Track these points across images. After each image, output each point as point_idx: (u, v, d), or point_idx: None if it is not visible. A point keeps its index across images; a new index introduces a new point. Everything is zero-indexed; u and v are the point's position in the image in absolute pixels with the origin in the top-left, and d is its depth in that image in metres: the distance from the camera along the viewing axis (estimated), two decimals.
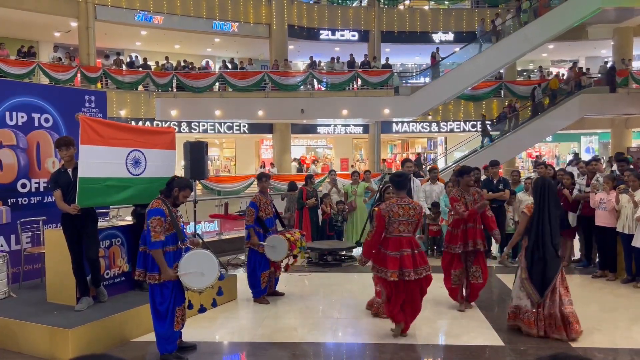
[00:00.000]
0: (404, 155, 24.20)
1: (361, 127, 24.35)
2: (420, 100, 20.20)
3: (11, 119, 6.55)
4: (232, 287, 6.74)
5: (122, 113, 19.22)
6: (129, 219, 6.54)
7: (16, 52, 18.55)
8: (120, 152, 5.66)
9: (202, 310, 5.04)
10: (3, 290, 5.88)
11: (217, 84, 20.59)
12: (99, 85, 18.79)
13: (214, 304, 5.24)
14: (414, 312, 5.34)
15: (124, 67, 20.21)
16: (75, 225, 5.35)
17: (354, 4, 24.10)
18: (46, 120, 6.88)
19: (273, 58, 21.85)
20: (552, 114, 20.31)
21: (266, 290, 6.65)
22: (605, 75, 21.09)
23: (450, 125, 23.27)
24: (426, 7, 24.55)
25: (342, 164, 26.08)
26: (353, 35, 23.60)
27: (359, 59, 21.83)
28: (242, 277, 7.13)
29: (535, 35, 19.03)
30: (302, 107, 20.05)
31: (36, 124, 6.78)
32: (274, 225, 6.80)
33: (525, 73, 26.74)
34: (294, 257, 6.59)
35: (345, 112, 20.49)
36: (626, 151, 17.15)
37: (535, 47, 19.68)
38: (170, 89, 20.11)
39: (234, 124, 22.54)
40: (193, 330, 5.33)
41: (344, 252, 9.24)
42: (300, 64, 25.33)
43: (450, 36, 24.04)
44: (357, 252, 9.28)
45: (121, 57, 20.61)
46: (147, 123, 18.81)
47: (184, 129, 21.00)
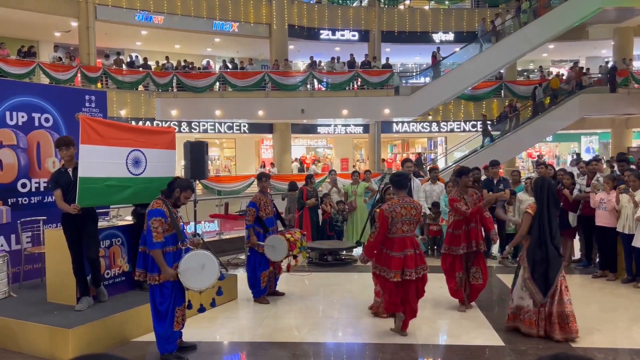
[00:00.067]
0: (404, 155, 24.19)
1: (361, 127, 24.35)
2: (420, 100, 20.20)
3: (11, 119, 6.56)
4: (232, 287, 6.74)
5: (123, 113, 19.21)
6: (129, 219, 6.54)
7: (16, 51, 18.53)
8: (121, 152, 5.67)
9: (201, 310, 5.04)
10: (3, 290, 5.89)
11: (217, 83, 20.57)
12: (99, 85, 18.78)
13: (213, 304, 5.25)
14: (412, 313, 5.37)
15: (124, 67, 20.20)
16: (76, 225, 5.36)
17: (354, 4, 24.09)
18: (46, 120, 6.89)
19: (273, 58, 21.84)
20: (552, 114, 20.30)
21: (266, 290, 6.66)
22: (606, 75, 21.08)
23: (451, 125, 23.26)
24: (426, 7, 24.54)
25: (342, 164, 26.06)
26: (353, 35, 23.59)
27: (359, 59, 21.81)
28: (242, 277, 7.13)
29: (536, 35, 19.02)
30: (302, 107, 20.05)
31: (36, 123, 6.79)
32: (274, 225, 6.81)
33: (525, 73, 26.73)
34: (294, 258, 6.59)
35: (345, 112, 20.49)
36: (626, 151, 17.13)
37: (535, 47, 19.67)
38: (170, 89, 20.10)
39: (234, 124, 22.55)
40: (193, 330, 5.33)
41: (344, 252, 9.24)
42: (300, 64, 25.33)
43: (450, 36, 24.03)
44: (357, 252, 9.30)
45: (121, 57, 20.59)
46: (148, 123, 18.79)
47: (184, 129, 21.00)
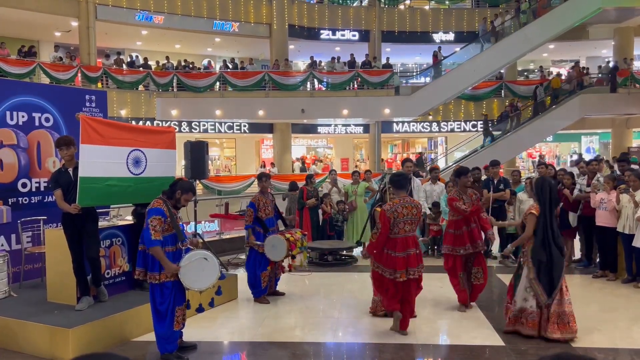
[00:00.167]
0: (405, 155, 24.19)
1: (361, 127, 24.35)
2: (420, 100, 20.21)
3: (12, 119, 6.56)
4: (232, 287, 6.74)
5: (123, 113, 19.22)
6: (129, 219, 6.54)
7: (17, 51, 18.54)
8: (121, 152, 5.67)
9: (200, 310, 5.05)
10: (3, 289, 5.88)
11: (218, 83, 20.57)
12: (99, 84, 18.78)
13: (212, 304, 5.25)
14: (411, 312, 5.43)
15: (124, 66, 20.20)
16: (76, 224, 5.36)
17: (355, 4, 24.09)
18: (47, 119, 6.89)
19: (273, 58, 21.84)
20: (552, 114, 20.30)
21: (266, 290, 6.66)
22: (608, 75, 21.07)
23: (451, 125, 23.27)
24: (427, 7, 24.54)
25: (343, 163, 26.07)
26: (353, 35, 23.59)
27: (359, 59, 21.81)
28: (242, 276, 7.12)
29: (536, 35, 19.02)
30: (302, 106, 20.05)
31: (37, 123, 6.79)
32: (274, 225, 6.81)
33: (525, 73, 26.74)
34: (292, 258, 6.58)
35: (345, 112, 20.48)
36: (627, 151, 17.13)
37: (535, 47, 19.68)
38: (170, 89, 20.11)
39: (235, 124, 22.55)
40: (193, 329, 5.33)
41: (345, 252, 9.24)
42: (300, 63, 25.34)
43: (450, 36, 24.03)
44: (358, 252, 9.30)
45: (122, 57, 20.60)
46: (148, 123, 18.77)
47: (184, 129, 21.01)
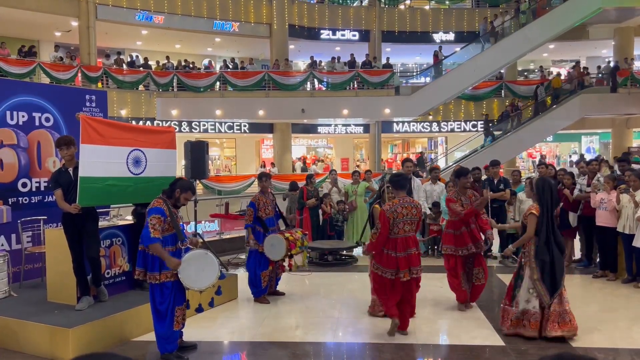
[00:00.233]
0: (405, 155, 24.19)
1: (362, 127, 24.34)
2: (420, 100, 20.21)
3: (12, 119, 6.56)
4: (232, 286, 6.75)
5: (123, 112, 19.22)
6: (129, 219, 6.54)
7: (17, 51, 18.54)
8: (121, 152, 5.67)
9: (199, 310, 5.05)
10: (4, 289, 5.89)
11: (218, 83, 20.57)
12: (99, 84, 18.79)
13: (212, 304, 5.25)
14: (412, 311, 5.45)
15: (124, 66, 20.20)
16: (76, 224, 5.36)
17: (355, 4, 24.08)
18: (47, 119, 6.89)
19: (274, 58, 21.84)
20: (552, 114, 20.30)
21: (267, 290, 6.66)
22: (608, 75, 21.06)
23: (451, 125, 23.27)
24: (427, 7, 24.52)
25: (343, 163, 26.07)
26: (354, 35, 23.58)
27: (359, 59, 21.80)
28: (242, 276, 7.13)
29: (536, 35, 19.02)
30: (302, 106, 20.04)
31: (37, 123, 6.79)
32: (275, 224, 6.82)
33: (525, 73, 26.73)
34: (289, 257, 6.58)
35: (345, 112, 20.48)
36: (627, 151, 17.12)
37: (535, 47, 19.67)
38: (170, 89, 20.10)
39: (235, 124, 22.55)
40: (193, 329, 5.33)
41: (345, 252, 9.24)
42: (300, 63, 25.33)
43: (451, 36, 24.02)
44: (358, 252, 9.30)
45: (122, 57, 20.60)
46: (148, 122, 18.76)
47: (184, 129, 21.00)
